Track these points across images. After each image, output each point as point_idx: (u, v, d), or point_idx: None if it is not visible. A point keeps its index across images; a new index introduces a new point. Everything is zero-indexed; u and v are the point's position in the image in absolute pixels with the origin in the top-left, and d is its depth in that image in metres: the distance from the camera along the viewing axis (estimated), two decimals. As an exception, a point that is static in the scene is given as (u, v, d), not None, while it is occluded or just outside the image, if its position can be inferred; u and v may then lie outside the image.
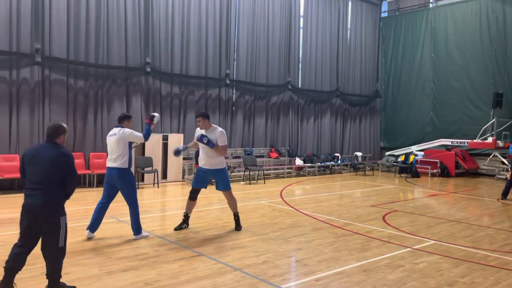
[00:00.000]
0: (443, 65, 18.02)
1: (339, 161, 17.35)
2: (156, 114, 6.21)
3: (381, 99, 20.25)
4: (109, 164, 6.05)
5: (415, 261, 5.47)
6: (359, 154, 17.78)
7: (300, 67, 17.02)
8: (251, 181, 13.16)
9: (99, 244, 5.82)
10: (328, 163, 16.85)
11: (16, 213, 7.43)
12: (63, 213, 4.06)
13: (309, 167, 16.05)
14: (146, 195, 10.26)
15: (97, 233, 6.18)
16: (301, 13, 16.96)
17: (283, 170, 15.45)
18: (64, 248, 4.06)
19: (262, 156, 15.49)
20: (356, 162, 17.38)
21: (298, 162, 15.75)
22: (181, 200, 9.76)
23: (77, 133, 11.25)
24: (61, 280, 4.16)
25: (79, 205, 8.54)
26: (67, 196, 4.14)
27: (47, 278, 4.07)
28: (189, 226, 6.89)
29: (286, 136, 16.47)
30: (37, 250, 4.06)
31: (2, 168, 9.94)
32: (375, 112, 20.18)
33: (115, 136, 5.99)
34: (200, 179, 6.74)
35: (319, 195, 10.92)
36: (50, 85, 10.74)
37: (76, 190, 4.44)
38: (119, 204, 7.09)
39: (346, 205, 9.52)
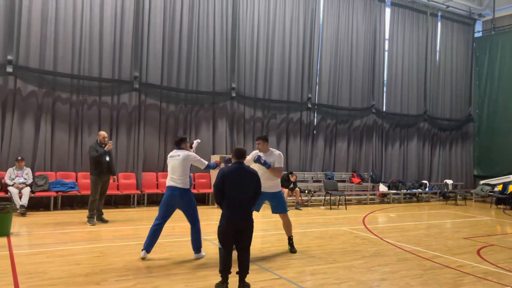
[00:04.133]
0: (547, 86, 16.39)
1: (427, 189, 16.38)
2: (195, 142, 6.33)
3: (474, 124, 18.88)
4: (170, 183, 6.12)
5: (516, 302, 4.95)
6: (449, 181, 16.64)
7: (384, 90, 16.57)
8: (332, 206, 12.91)
9: (181, 260, 6.08)
10: (414, 190, 15.98)
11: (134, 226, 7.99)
12: None
13: (393, 193, 15.36)
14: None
15: (176, 251, 6.46)
16: (387, 36, 16.61)
17: (365, 196, 14.96)
18: None
19: (343, 181, 15.17)
20: (446, 190, 16.27)
21: (382, 188, 15.16)
22: (261, 222, 9.87)
23: (166, 154, 11.87)
24: None
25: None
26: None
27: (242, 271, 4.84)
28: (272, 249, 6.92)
29: (369, 161, 16.00)
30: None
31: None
32: (468, 137, 18.84)
33: (179, 157, 6.10)
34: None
35: (405, 224, 10.38)
36: (145, 109, 11.67)
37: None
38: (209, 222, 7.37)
39: (435, 236, 8.92)
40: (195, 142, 6.45)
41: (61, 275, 5.21)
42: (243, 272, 4.91)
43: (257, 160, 6.53)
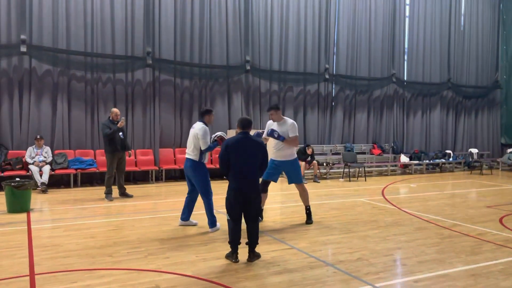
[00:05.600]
0: None
1: (450, 159, 15.94)
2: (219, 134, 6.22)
3: (501, 90, 18.11)
4: (186, 155, 6.19)
5: (537, 269, 4.75)
6: (474, 151, 16.13)
7: (405, 58, 16.00)
8: (351, 179, 12.74)
9: (194, 233, 6.10)
10: (438, 160, 15.58)
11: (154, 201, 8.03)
12: None
13: (415, 164, 15.02)
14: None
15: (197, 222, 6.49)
16: (407, 1, 15.91)
17: (386, 168, 14.69)
18: None
19: (363, 153, 14.90)
20: (471, 159, 15.81)
21: (403, 159, 14.83)
22: (280, 194, 9.83)
23: (183, 130, 11.98)
24: (162, 263, 4.54)
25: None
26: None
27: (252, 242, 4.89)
28: (287, 220, 6.88)
29: (390, 132, 15.62)
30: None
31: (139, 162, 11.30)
32: (494, 104, 18.12)
33: (194, 130, 6.12)
34: (272, 171, 6.63)
35: (426, 194, 10.14)
36: (160, 85, 11.63)
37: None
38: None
39: (457, 205, 8.68)
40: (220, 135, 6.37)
41: (76, 247, 5.30)
42: (252, 242, 4.88)
43: (271, 134, 6.43)
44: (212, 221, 6.19)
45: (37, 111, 10.31)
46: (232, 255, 4.85)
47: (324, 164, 13.13)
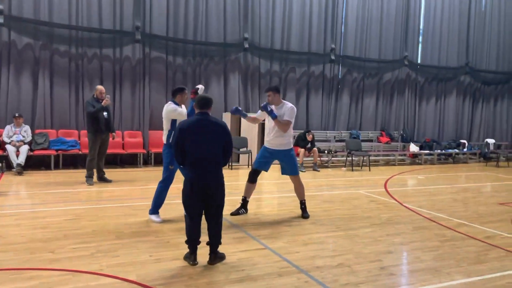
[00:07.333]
0: None
1: (465, 149, 14.91)
2: (200, 86, 5.53)
3: (524, 77, 16.85)
4: None
5: (553, 285, 3.93)
6: (491, 141, 15.08)
7: (420, 40, 14.88)
8: (355, 168, 11.90)
9: (159, 226, 5.40)
10: (451, 150, 14.58)
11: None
12: None
13: (426, 154, 14.06)
14: (241, 176, 9.77)
15: (165, 215, 5.80)
16: (424, -22, 14.74)
17: (394, 157, 13.77)
18: None
19: (370, 141, 13.99)
20: (487, 150, 14.76)
21: (413, 148, 13.88)
22: (275, 183, 9.08)
23: (176, 111, 11.22)
24: (108, 262, 3.95)
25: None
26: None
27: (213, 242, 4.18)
28: (272, 213, 6.17)
29: (400, 119, 14.64)
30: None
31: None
32: (516, 92, 16.90)
33: (163, 110, 5.62)
34: (264, 160, 6.04)
35: (434, 187, 9.27)
36: (150, 62, 10.88)
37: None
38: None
39: (465, 201, 7.82)
40: (200, 88, 5.62)
41: (18, 240, 4.67)
42: (214, 243, 4.16)
43: (264, 107, 5.79)
44: (154, 209, 5.60)
45: (17, 88, 9.69)
46: (190, 257, 4.14)
47: (326, 152, 12.29)
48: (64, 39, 9.98)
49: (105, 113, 8.09)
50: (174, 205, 6.11)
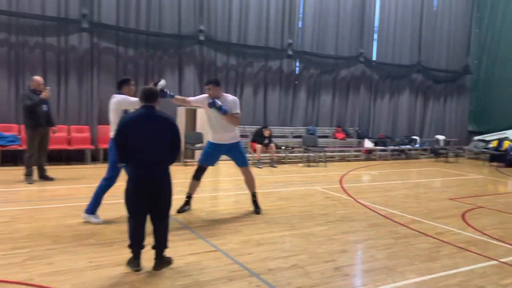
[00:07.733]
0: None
1: (417, 145, 15.31)
2: (162, 81, 5.20)
3: (471, 76, 17.51)
4: None
5: (501, 281, 3.95)
6: (441, 137, 15.55)
7: (375, 37, 15.07)
8: (311, 164, 11.87)
9: (102, 228, 5.02)
10: (403, 146, 14.91)
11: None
12: None
13: (380, 150, 14.30)
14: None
15: (107, 215, 5.42)
16: (379, -24, 14.92)
17: (349, 153, 13.90)
18: None
19: (326, 137, 14.03)
20: (437, 146, 15.22)
21: (368, 144, 14.07)
22: (230, 180, 8.83)
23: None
24: (39, 271, 3.54)
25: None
26: None
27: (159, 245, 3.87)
28: (192, 208, 6.01)
29: (355, 115, 14.78)
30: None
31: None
32: (464, 90, 17.53)
33: (111, 102, 5.23)
34: (210, 156, 5.83)
35: (387, 183, 9.36)
36: (99, 53, 10.29)
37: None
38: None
39: (417, 197, 7.92)
40: (162, 82, 5.20)
41: None
42: (160, 246, 3.86)
43: (212, 104, 5.44)
44: (93, 208, 5.22)
45: None
46: (134, 262, 3.82)
47: (283, 148, 12.18)
48: (3, 26, 9.23)
49: (44, 106, 7.51)
50: (115, 205, 5.72)
